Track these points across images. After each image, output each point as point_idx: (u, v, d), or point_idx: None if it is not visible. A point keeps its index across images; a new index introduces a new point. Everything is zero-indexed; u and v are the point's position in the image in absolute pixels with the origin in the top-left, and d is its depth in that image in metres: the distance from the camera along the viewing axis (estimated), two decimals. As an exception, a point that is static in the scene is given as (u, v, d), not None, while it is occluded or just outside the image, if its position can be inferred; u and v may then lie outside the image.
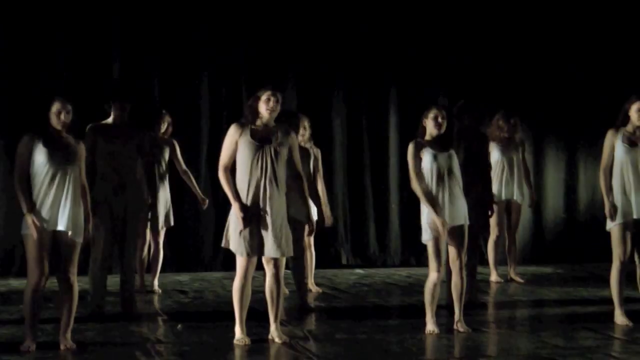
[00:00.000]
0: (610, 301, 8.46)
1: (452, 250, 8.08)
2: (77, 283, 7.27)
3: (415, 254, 12.54)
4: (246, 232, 7.35)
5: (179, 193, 10.79)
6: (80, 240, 7.23)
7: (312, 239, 9.98)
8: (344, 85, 12.75)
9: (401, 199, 12.78)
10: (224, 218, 7.66)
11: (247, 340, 7.48)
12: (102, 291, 8.85)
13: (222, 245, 7.57)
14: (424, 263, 8.04)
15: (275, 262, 7.51)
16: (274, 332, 7.59)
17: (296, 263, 9.24)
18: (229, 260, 9.93)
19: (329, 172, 12.09)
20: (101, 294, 8.85)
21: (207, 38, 12.20)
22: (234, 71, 12.30)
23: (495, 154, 10.94)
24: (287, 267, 8.89)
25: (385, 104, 12.91)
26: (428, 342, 7.73)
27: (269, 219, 7.36)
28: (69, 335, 7.32)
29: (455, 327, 8.09)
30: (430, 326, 7.98)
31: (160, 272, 10.39)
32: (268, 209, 7.36)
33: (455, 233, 8.00)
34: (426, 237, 7.97)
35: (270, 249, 7.40)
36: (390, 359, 7.07)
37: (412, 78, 12.76)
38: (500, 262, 11.25)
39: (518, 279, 11.30)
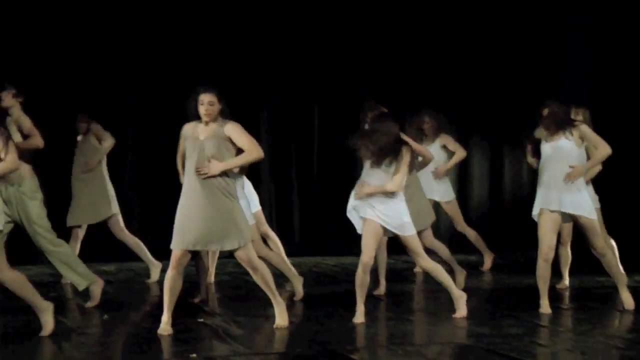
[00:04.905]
0: (535, 289, 8.55)
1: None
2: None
3: (341, 243, 12.55)
4: (180, 225, 7.35)
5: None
6: None
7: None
8: (271, 94, 12.80)
9: (326, 190, 12.79)
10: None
11: (170, 330, 7.42)
12: None
13: None
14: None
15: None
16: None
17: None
18: (156, 249, 9.89)
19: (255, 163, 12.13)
20: None
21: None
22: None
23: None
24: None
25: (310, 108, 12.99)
26: (356, 330, 7.75)
27: (201, 212, 7.34)
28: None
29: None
30: (359, 314, 8.01)
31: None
32: (200, 201, 7.34)
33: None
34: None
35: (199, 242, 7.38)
36: (318, 347, 7.08)
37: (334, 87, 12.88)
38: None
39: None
